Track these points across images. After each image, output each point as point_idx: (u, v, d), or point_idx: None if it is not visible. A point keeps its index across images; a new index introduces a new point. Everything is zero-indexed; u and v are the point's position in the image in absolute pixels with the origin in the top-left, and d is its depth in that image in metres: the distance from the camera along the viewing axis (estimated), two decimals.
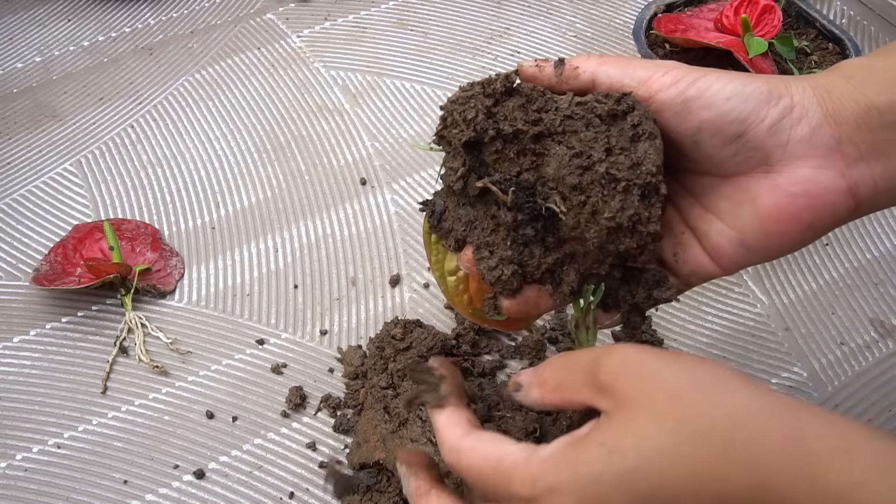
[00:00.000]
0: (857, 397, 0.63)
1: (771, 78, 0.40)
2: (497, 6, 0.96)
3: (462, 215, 0.43)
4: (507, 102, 0.40)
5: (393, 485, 0.54)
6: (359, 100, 0.86)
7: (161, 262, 0.72)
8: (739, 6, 0.72)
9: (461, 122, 0.40)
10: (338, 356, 0.66)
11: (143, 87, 0.88)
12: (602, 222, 0.39)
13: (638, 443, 0.32)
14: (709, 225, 0.42)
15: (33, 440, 0.62)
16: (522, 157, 0.40)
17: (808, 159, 0.39)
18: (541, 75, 0.41)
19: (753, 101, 0.39)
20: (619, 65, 0.41)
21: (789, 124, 0.39)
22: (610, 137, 0.39)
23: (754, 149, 0.39)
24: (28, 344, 0.67)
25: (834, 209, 0.39)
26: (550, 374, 0.37)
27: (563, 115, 0.40)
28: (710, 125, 0.39)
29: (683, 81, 0.39)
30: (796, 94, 0.39)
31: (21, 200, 0.78)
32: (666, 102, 0.40)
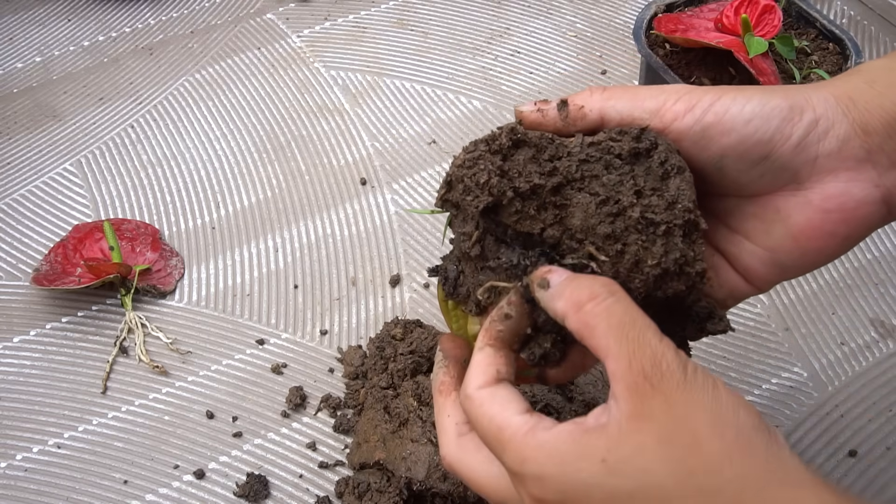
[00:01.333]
0: (858, 397, 0.63)
1: (789, 90, 0.38)
2: (497, 6, 0.96)
3: (483, 281, 0.39)
4: (517, 156, 0.37)
5: (393, 485, 0.54)
6: (359, 100, 0.86)
7: (161, 262, 0.72)
8: (740, 6, 0.72)
9: (474, 188, 0.36)
10: (338, 356, 0.66)
11: (143, 87, 0.88)
12: (647, 270, 0.36)
13: (641, 473, 0.31)
14: (738, 247, 0.40)
15: (33, 440, 0.62)
16: (544, 212, 0.37)
17: (838, 173, 0.37)
18: (545, 120, 0.39)
19: (776, 119, 0.37)
20: (627, 97, 0.38)
21: (816, 139, 0.37)
22: (636, 178, 0.36)
23: (782, 168, 0.38)
24: (28, 344, 0.67)
25: (869, 220, 0.38)
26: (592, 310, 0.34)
27: (577, 159, 0.37)
28: (733, 150, 0.37)
29: (699, 108, 0.37)
30: (818, 105, 0.37)
31: (21, 200, 0.78)
32: (683, 132, 0.37)
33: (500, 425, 0.34)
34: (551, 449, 0.33)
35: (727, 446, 0.31)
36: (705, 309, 0.39)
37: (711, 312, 0.39)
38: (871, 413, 0.62)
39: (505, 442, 0.34)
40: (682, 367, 0.32)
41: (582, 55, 0.90)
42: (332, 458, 0.61)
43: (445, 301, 0.43)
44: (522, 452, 0.33)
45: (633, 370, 0.32)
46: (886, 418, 0.62)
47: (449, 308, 0.44)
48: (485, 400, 0.36)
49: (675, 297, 0.37)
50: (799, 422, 0.62)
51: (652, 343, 0.33)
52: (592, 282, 0.35)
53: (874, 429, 0.61)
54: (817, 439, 0.61)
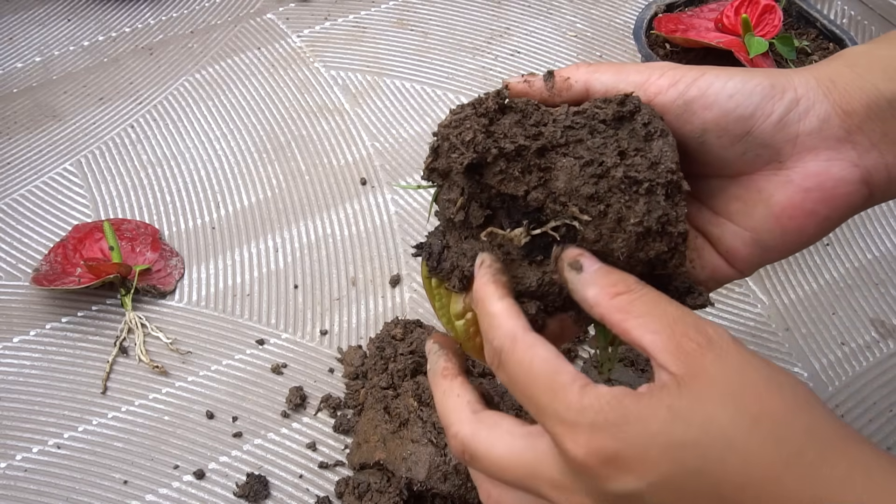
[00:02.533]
0: (858, 397, 0.63)
1: (771, 71, 0.39)
2: (497, 6, 0.96)
3: (467, 249, 0.40)
4: (503, 120, 0.37)
5: (393, 485, 0.54)
6: (359, 100, 0.86)
7: (161, 262, 0.72)
8: (740, 6, 0.72)
9: (460, 146, 0.37)
10: (338, 356, 0.66)
11: (143, 87, 0.88)
12: (630, 229, 0.36)
13: (707, 422, 0.30)
14: (721, 228, 0.41)
15: (33, 440, 0.62)
16: (528, 175, 0.37)
17: (819, 152, 0.38)
18: (531, 90, 0.40)
19: (757, 96, 0.38)
20: (612, 71, 0.39)
21: (797, 117, 0.38)
22: (620, 140, 0.37)
23: (763, 145, 0.38)
24: (28, 344, 0.67)
25: (849, 200, 0.38)
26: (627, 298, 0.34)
27: (562, 126, 0.37)
28: (714, 125, 0.38)
29: (682, 82, 0.38)
30: (800, 86, 0.38)
31: (21, 200, 0.78)
32: (666, 106, 0.38)
33: (556, 369, 0.33)
34: (612, 399, 0.31)
35: (788, 402, 0.31)
36: (684, 284, 0.40)
37: (690, 287, 0.40)
38: (871, 413, 0.62)
39: (562, 387, 0.32)
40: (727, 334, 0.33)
41: (582, 55, 0.90)
42: (332, 458, 0.61)
43: (429, 278, 0.43)
44: (581, 400, 0.32)
45: (677, 338, 0.32)
46: (886, 418, 0.62)
47: (432, 286, 0.43)
48: (534, 341, 0.34)
49: (658, 259, 0.38)
50: None
51: (691, 316, 0.33)
52: (626, 276, 0.35)
53: (874, 429, 0.61)
54: None
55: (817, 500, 0.30)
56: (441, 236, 0.41)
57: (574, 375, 0.33)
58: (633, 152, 0.37)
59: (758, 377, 0.31)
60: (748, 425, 0.30)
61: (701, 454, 0.30)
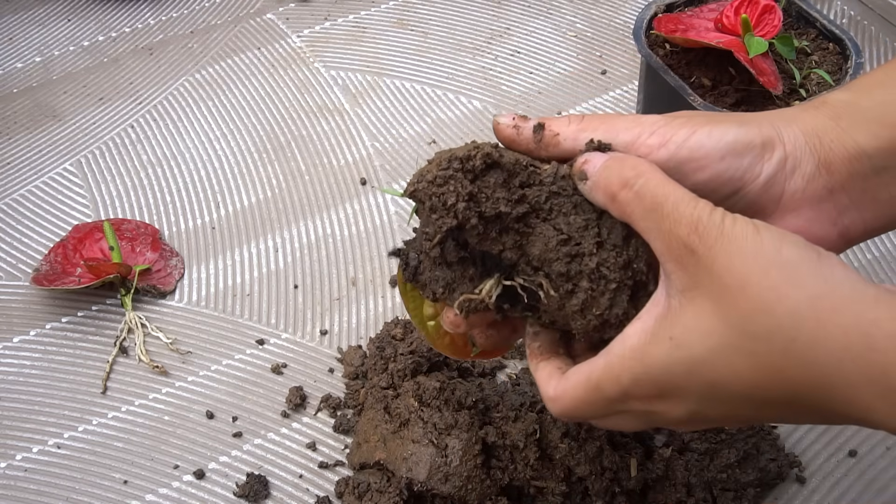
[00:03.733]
0: None
1: (763, 123, 0.39)
2: (497, 6, 0.96)
3: (439, 277, 0.41)
4: (488, 178, 0.37)
5: (393, 485, 0.54)
6: (359, 100, 0.86)
7: (161, 262, 0.72)
8: (740, 6, 0.72)
9: (440, 208, 0.37)
10: (338, 356, 0.66)
11: (143, 87, 0.88)
12: (589, 318, 0.38)
13: (704, 337, 0.33)
14: None
15: (33, 440, 0.62)
16: (506, 236, 0.38)
17: (801, 211, 0.39)
18: (518, 139, 0.39)
19: (748, 157, 0.38)
20: (602, 129, 0.39)
21: (783, 178, 0.38)
22: (601, 229, 0.37)
23: (749, 204, 0.39)
24: (28, 344, 0.67)
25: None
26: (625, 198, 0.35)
27: (548, 191, 0.38)
28: (705, 186, 0.38)
29: (672, 143, 0.38)
30: (788, 142, 0.38)
31: (21, 200, 0.78)
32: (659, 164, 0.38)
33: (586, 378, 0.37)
34: (629, 352, 0.35)
35: (773, 285, 0.32)
36: None
37: None
38: None
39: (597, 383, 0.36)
40: (718, 223, 0.33)
41: (582, 55, 0.90)
42: (332, 458, 0.61)
43: (404, 283, 0.44)
44: (613, 373, 0.36)
45: (673, 245, 0.34)
46: None
47: (407, 289, 0.46)
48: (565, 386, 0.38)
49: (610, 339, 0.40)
50: None
51: (686, 213, 0.34)
52: (622, 167, 0.36)
53: None
54: (817, 439, 0.61)
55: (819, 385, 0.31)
56: (418, 251, 0.42)
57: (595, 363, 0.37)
58: (609, 247, 0.37)
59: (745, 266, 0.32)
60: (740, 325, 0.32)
61: (713, 367, 0.33)
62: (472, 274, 0.40)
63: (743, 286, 0.32)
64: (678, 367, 0.34)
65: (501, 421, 0.55)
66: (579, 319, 0.38)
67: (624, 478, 0.55)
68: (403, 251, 0.42)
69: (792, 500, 0.58)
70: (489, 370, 0.64)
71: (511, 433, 0.54)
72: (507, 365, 0.65)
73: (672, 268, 0.34)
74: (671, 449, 0.57)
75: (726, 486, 0.56)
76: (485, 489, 0.53)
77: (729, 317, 0.32)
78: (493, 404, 0.57)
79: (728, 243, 0.32)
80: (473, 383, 0.61)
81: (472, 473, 0.52)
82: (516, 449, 0.54)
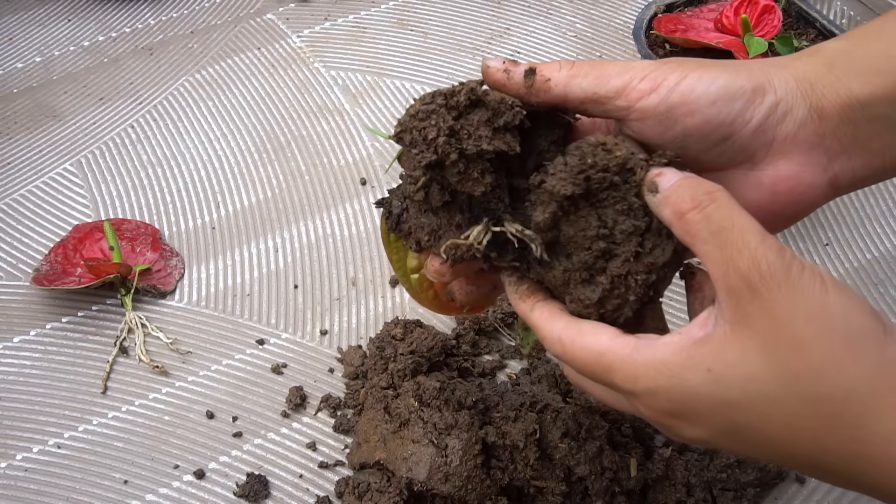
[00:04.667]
0: None
1: (753, 69, 0.39)
2: (497, 6, 0.96)
3: (424, 224, 0.40)
4: (472, 115, 0.37)
5: (393, 485, 0.54)
6: (359, 100, 0.86)
7: (161, 262, 0.72)
8: (739, 6, 0.72)
9: (421, 143, 0.36)
10: (338, 356, 0.66)
11: (143, 87, 0.88)
12: (590, 309, 0.37)
13: (746, 381, 0.32)
14: None
15: (33, 440, 0.62)
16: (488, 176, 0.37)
17: (791, 156, 0.39)
18: (508, 84, 0.39)
19: (739, 101, 0.38)
20: (593, 74, 0.38)
21: (774, 122, 0.38)
22: (645, 240, 0.37)
23: (740, 149, 0.39)
24: (28, 344, 0.67)
25: (814, 202, 0.40)
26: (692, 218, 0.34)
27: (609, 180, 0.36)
28: (695, 131, 0.38)
29: (664, 87, 0.37)
30: (779, 87, 0.38)
31: (21, 200, 0.78)
32: (648, 111, 0.38)
33: (600, 351, 0.36)
34: (659, 363, 0.34)
35: (833, 352, 0.31)
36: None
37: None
38: None
39: (611, 365, 0.35)
40: (784, 267, 0.32)
41: (582, 55, 0.90)
42: (332, 458, 0.61)
43: (388, 234, 0.43)
44: (634, 370, 0.34)
45: (732, 275, 0.32)
46: None
47: (390, 240, 0.44)
48: (575, 335, 0.37)
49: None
50: None
51: (751, 245, 0.32)
52: (696, 188, 0.35)
53: None
54: None
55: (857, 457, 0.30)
56: (402, 198, 0.41)
57: (620, 346, 0.35)
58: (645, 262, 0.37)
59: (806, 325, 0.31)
60: (788, 382, 0.31)
61: (745, 412, 0.32)
62: (459, 221, 0.39)
63: (801, 344, 0.31)
64: (708, 400, 0.33)
65: (501, 421, 0.55)
66: (576, 304, 0.38)
67: (624, 478, 0.55)
68: (387, 199, 0.42)
69: (792, 500, 0.58)
70: (489, 370, 0.64)
71: (511, 433, 0.54)
72: (508, 365, 0.65)
73: (725, 297, 0.33)
74: (671, 449, 0.57)
75: (726, 486, 0.56)
76: (485, 489, 0.53)
77: (779, 370, 0.31)
78: (493, 404, 0.57)
79: (793, 293, 0.31)
80: (473, 383, 0.61)
81: (472, 473, 0.52)
82: (516, 449, 0.54)
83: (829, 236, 0.73)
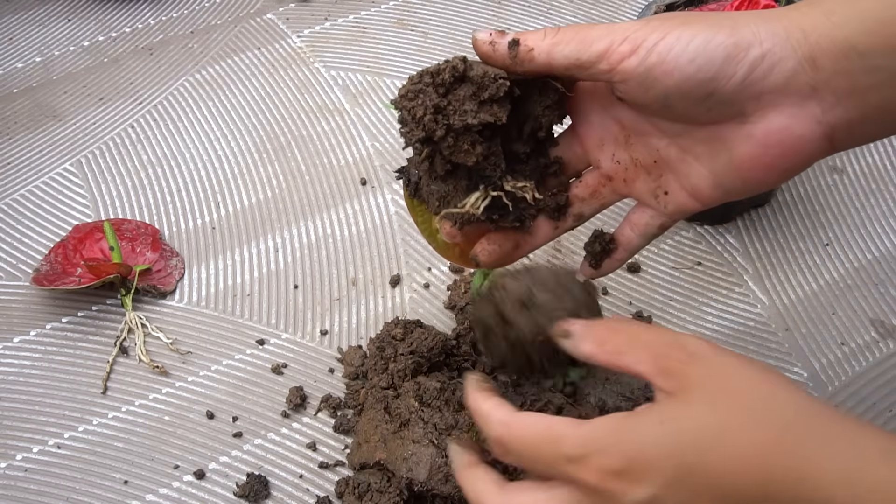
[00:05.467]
0: (858, 397, 0.63)
1: (738, 21, 0.38)
2: (497, 6, 0.96)
3: (434, 191, 0.43)
4: (458, 91, 0.39)
5: (393, 485, 0.54)
6: (359, 100, 0.86)
7: (161, 262, 0.72)
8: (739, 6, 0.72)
9: (410, 121, 0.39)
10: (338, 356, 0.66)
11: (143, 87, 0.88)
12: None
13: (698, 424, 0.34)
14: (688, 167, 0.42)
15: (33, 440, 0.62)
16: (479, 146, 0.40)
17: (783, 108, 0.38)
18: (494, 55, 0.40)
19: (719, 57, 0.37)
20: (576, 40, 0.39)
21: (761, 75, 0.37)
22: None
23: (727, 104, 0.38)
24: (28, 344, 0.67)
25: (809, 155, 0.39)
26: (610, 338, 0.38)
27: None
28: (676, 90, 0.38)
29: (643, 48, 0.38)
30: (766, 40, 0.37)
31: (21, 200, 0.78)
32: (629, 73, 0.38)
33: (547, 425, 0.36)
34: (607, 427, 0.35)
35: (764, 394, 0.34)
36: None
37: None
38: (871, 413, 0.62)
39: (559, 434, 0.36)
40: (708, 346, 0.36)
41: None
42: (333, 458, 0.61)
43: (410, 199, 0.46)
44: (581, 435, 0.35)
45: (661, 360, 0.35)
46: (886, 418, 0.62)
47: (414, 204, 0.47)
48: (524, 417, 0.38)
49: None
50: None
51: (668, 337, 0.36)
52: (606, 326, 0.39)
53: None
54: None
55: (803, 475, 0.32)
56: (416, 166, 0.44)
57: (566, 421, 0.36)
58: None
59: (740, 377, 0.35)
60: (732, 418, 0.33)
61: (697, 450, 0.33)
62: (466, 185, 0.42)
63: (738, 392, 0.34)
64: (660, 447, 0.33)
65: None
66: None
67: None
68: (405, 168, 0.45)
69: None
70: (489, 370, 0.64)
71: None
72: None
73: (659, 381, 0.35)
74: None
75: None
76: None
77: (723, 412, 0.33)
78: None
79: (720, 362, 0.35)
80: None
81: None
82: None
83: (829, 236, 0.73)
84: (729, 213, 0.73)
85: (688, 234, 0.73)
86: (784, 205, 0.75)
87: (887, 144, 0.79)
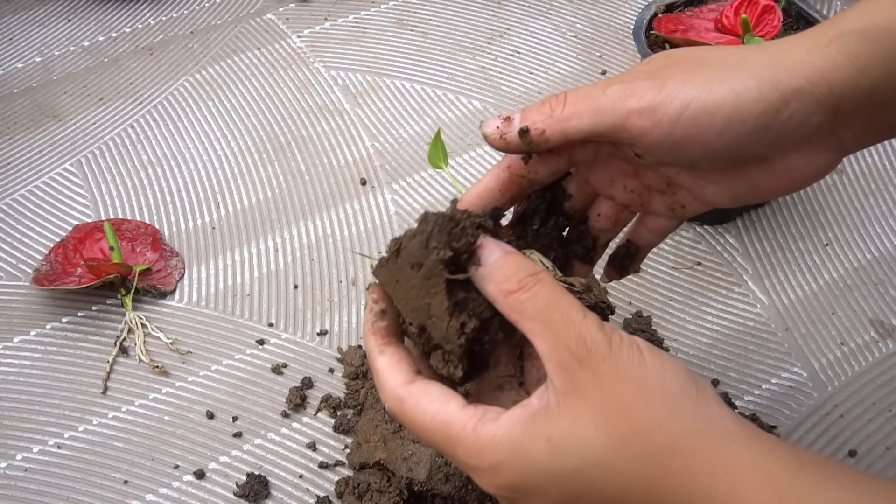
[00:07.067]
0: (857, 397, 0.63)
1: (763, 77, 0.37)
2: (497, 6, 0.96)
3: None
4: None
5: (393, 485, 0.54)
6: (359, 100, 0.86)
7: (161, 262, 0.72)
8: (739, 6, 0.72)
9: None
10: (338, 356, 0.66)
11: (143, 87, 0.88)
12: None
13: (581, 449, 0.33)
14: (703, 189, 0.42)
15: (33, 440, 0.62)
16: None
17: (805, 150, 0.39)
18: (509, 147, 0.40)
19: (748, 129, 0.37)
20: (588, 113, 0.38)
21: (788, 133, 0.38)
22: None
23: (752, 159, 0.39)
24: (28, 344, 0.67)
25: (826, 172, 0.41)
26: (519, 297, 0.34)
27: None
28: (703, 159, 0.39)
29: (666, 122, 0.37)
30: (792, 99, 0.37)
31: (21, 200, 0.78)
32: (654, 145, 0.38)
33: (445, 420, 0.35)
34: (502, 438, 0.34)
35: (656, 413, 0.32)
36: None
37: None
38: (871, 413, 0.62)
39: (456, 436, 0.35)
40: (606, 341, 0.33)
41: (582, 55, 0.90)
42: (332, 458, 0.61)
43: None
44: (477, 445, 0.34)
45: (560, 349, 0.33)
46: (886, 418, 0.62)
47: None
48: (420, 397, 0.36)
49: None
50: (799, 422, 0.62)
51: (576, 321, 0.34)
52: (518, 268, 0.35)
53: (874, 429, 0.61)
54: (817, 439, 0.61)
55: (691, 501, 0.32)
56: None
57: (464, 419, 0.35)
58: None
59: (631, 391, 0.33)
60: (619, 446, 0.32)
61: (582, 479, 0.33)
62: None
63: (628, 410, 0.32)
64: (548, 471, 0.33)
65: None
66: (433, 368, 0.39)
67: None
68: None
69: None
70: None
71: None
72: None
73: (554, 369, 0.34)
74: None
75: None
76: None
77: (610, 436, 0.32)
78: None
79: (616, 364, 0.33)
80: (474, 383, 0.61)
81: None
82: None
83: (829, 236, 0.73)
84: (729, 213, 0.73)
85: (688, 234, 0.73)
86: (784, 205, 0.75)
87: (887, 145, 0.79)
